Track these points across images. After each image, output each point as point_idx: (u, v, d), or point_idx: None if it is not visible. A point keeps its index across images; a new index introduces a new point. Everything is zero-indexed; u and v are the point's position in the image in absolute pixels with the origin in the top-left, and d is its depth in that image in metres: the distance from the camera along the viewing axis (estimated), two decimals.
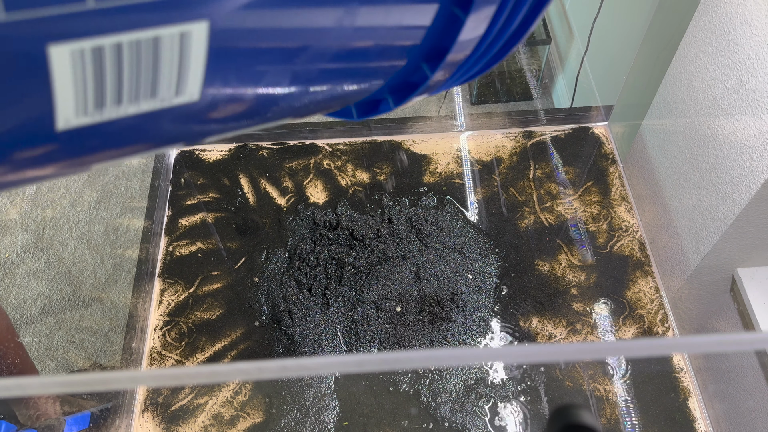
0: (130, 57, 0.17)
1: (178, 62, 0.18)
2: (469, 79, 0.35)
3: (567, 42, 1.68)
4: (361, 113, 0.33)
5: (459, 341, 0.81)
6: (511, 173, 0.98)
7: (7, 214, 1.58)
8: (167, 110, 0.20)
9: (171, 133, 0.22)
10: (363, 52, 0.26)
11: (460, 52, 0.28)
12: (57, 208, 1.58)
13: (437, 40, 0.27)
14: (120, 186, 1.63)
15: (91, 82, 0.17)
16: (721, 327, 0.82)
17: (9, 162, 0.18)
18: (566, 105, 1.63)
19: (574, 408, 0.29)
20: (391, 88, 0.30)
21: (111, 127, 0.19)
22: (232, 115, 0.23)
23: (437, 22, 0.26)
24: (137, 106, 0.18)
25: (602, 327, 0.83)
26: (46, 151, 0.19)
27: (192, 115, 0.21)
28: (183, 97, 0.19)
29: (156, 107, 0.19)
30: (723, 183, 0.70)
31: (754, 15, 0.62)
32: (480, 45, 0.28)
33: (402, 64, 0.28)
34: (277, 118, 0.27)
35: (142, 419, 0.78)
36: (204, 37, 0.18)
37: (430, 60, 0.28)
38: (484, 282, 0.86)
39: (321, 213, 0.93)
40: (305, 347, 0.82)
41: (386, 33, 0.25)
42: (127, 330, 0.84)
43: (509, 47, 0.32)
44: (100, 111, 0.18)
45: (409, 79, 0.29)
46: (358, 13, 0.22)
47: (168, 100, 0.19)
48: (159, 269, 0.90)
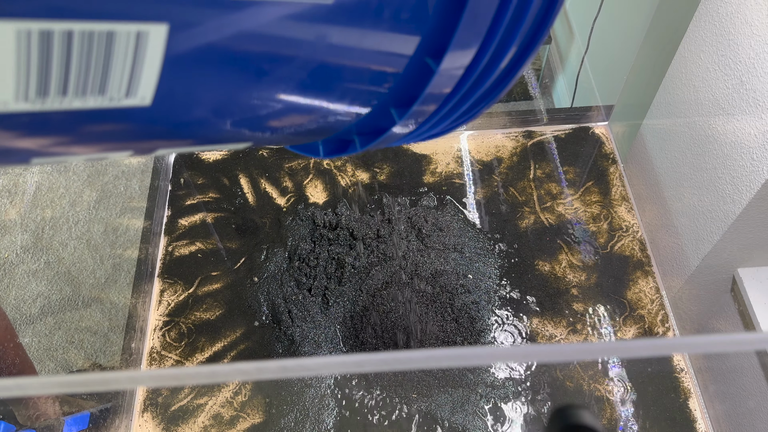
0: (80, 47, 0.16)
1: (131, 61, 0.17)
2: (441, 133, 0.34)
3: (567, 42, 1.68)
4: (328, 152, 0.32)
5: (459, 341, 0.81)
6: (511, 173, 0.98)
7: (7, 214, 1.58)
8: (115, 111, 0.19)
9: (117, 137, 0.21)
10: (332, 90, 0.25)
11: (429, 102, 0.27)
12: (56, 208, 1.58)
13: (407, 88, 0.26)
14: (119, 186, 1.63)
15: (36, 66, 0.16)
16: (721, 327, 0.82)
17: None
18: (566, 105, 1.63)
19: (574, 408, 0.29)
20: (359, 129, 0.30)
21: (52, 120, 0.18)
22: (184, 129, 0.22)
23: (409, 70, 0.25)
24: (83, 100, 0.18)
25: (602, 327, 0.83)
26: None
27: (142, 121, 0.20)
28: (134, 99, 0.19)
29: (104, 105, 0.18)
30: (723, 183, 0.70)
31: (755, 15, 0.62)
32: (451, 98, 0.27)
33: (371, 107, 0.28)
34: (234, 142, 0.26)
35: (141, 419, 0.78)
36: (162, 40, 0.17)
37: (399, 106, 0.27)
38: (484, 282, 0.86)
39: (321, 213, 0.93)
40: (305, 347, 0.82)
41: (357, 75, 0.24)
42: (126, 330, 0.84)
43: (481, 104, 0.31)
44: (42, 99, 0.17)
45: (377, 123, 0.29)
46: (330, 49, 0.22)
47: (117, 100, 0.18)
48: (159, 269, 0.90)
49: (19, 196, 1.61)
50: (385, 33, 0.22)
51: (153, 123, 0.21)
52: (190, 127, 0.22)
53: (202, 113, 0.22)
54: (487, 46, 0.24)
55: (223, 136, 0.25)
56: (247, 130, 0.25)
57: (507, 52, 0.26)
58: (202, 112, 0.22)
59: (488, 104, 0.31)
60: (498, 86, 0.29)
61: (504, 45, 0.25)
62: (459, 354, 0.20)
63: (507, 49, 0.25)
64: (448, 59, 0.24)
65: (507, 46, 0.25)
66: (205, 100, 0.21)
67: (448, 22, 0.23)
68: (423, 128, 0.30)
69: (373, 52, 0.23)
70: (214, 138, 0.24)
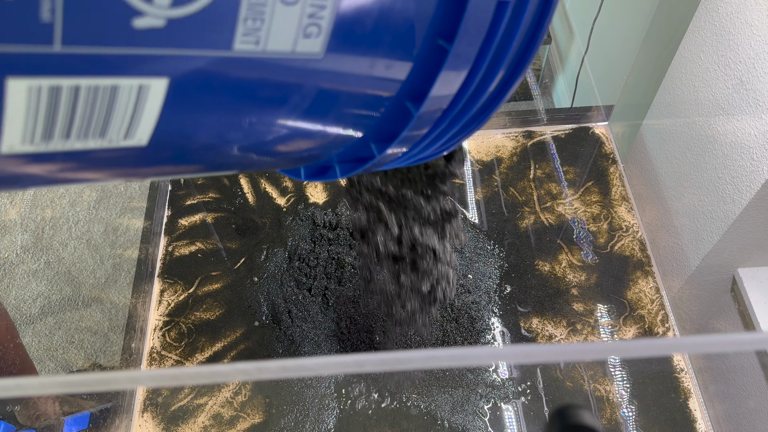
0: (86, 99, 0.17)
1: (132, 110, 0.18)
2: (423, 160, 0.35)
3: (567, 42, 1.68)
4: (309, 175, 0.34)
5: (459, 342, 0.81)
6: (511, 173, 0.98)
7: (7, 214, 1.58)
8: (113, 150, 0.20)
9: (112, 170, 0.22)
10: (316, 129, 0.26)
11: (408, 140, 0.28)
12: (56, 208, 1.58)
13: (387, 126, 0.27)
14: (119, 186, 1.63)
15: (43, 116, 0.17)
16: (721, 327, 0.82)
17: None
18: (566, 105, 1.63)
19: (574, 408, 0.29)
20: (340, 157, 0.31)
21: (52, 157, 0.19)
22: (175, 163, 0.24)
23: (390, 111, 0.26)
24: (84, 143, 0.19)
25: (602, 327, 0.83)
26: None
27: (137, 158, 0.21)
28: (131, 141, 0.20)
29: (103, 146, 0.19)
30: (723, 183, 0.70)
31: (755, 15, 0.62)
32: (430, 134, 0.28)
33: (352, 142, 0.29)
34: (221, 171, 0.28)
35: (141, 419, 0.78)
36: (162, 92, 0.18)
37: (379, 141, 0.28)
38: (484, 282, 0.86)
39: (321, 213, 0.93)
40: (305, 347, 0.82)
41: (340, 114, 0.25)
42: (126, 330, 0.84)
43: (462, 134, 0.32)
44: (46, 143, 0.18)
45: (358, 154, 0.30)
46: (316, 92, 0.23)
47: (116, 142, 0.19)
48: (159, 269, 0.90)
49: (19, 196, 1.61)
50: (369, 79, 0.23)
51: (147, 159, 0.22)
52: (182, 160, 0.24)
53: (193, 149, 0.23)
54: (467, 87, 0.25)
55: (211, 167, 0.26)
56: (234, 162, 0.26)
57: (488, 86, 0.27)
58: (193, 149, 0.23)
59: (470, 133, 0.32)
60: (478, 118, 0.30)
61: (482, 87, 0.26)
62: (459, 354, 0.20)
63: (488, 84, 0.26)
64: (427, 104, 0.25)
65: (488, 81, 0.26)
66: (196, 139, 0.22)
67: (429, 68, 0.24)
68: (403, 159, 0.31)
69: (355, 93, 0.24)
70: (203, 168, 0.26)
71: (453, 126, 0.29)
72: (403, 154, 0.30)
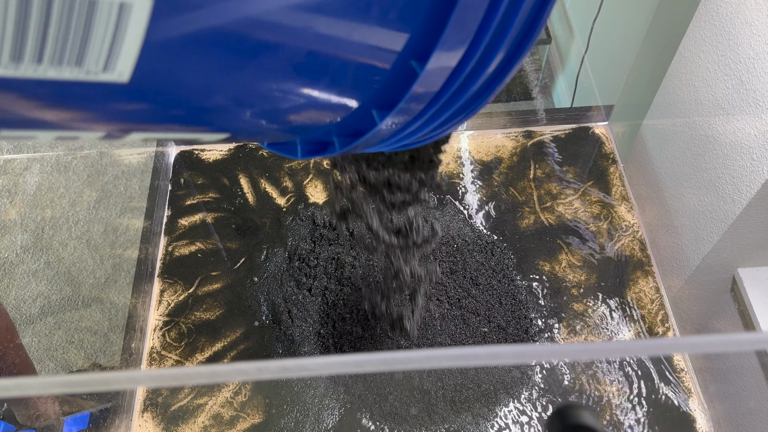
0: (59, 14, 0.15)
1: (112, 34, 0.16)
2: (423, 142, 0.33)
3: (567, 42, 1.68)
4: (306, 152, 0.32)
5: (459, 342, 0.81)
6: (511, 173, 0.98)
7: (7, 214, 1.58)
8: (91, 85, 0.18)
9: (90, 114, 0.20)
10: (316, 84, 0.24)
11: (411, 106, 0.27)
12: (56, 208, 1.58)
13: (390, 90, 0.26)
14: (119, 186, 1.63)
15: (11, 30, 0.15)
16: (721, 327, 0.82)
17: None
18: (566, 105, 1.63)
19: (574, 408, 0.29)
20: (339, 130, 0.29)
21: (25, 87, 0.17)
22: (161, 112, 0.22)
23: (393, 71, 0.25)
24: (59, 70, 0.17)
25: (602, 327, 0.83)
26: None
27: (118, 99, 0.19)
28: (111, 74, 0.18)
29: (79, 78, 0.17)
30: (723, 183, 0.70)
31: (755, 15, 0.62)
32: (434, 103, 0.27)
33: (353, 108, 0.27)
34: (211, 130, 0.25)
35: (141, 419, 0.78)
36: (145, 15, 0.16)
37: (381, 108, 0.27)
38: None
39: (321, 213, 0.93)
40: (305, 347, 0.82)
41: (341, 71, 0.24)
42: (126, 330, 0.84)
43: (465, 112, 0.30)
44: (16, 65, 0.16)
45: (358, 125, 0.28)
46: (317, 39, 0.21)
47: (94, 74, 0.18)
48: (158, 269, 0.90)
49: (19, 196, 1.61)
50: (372, 31, 0.22)
51: (129, 102, 0.20)
52: (167, 110, 0.22)
53: (181, 97, 0.21)
54: (474, 50, 0.24)
55: (201, 123, 0.24)
56: (225, 119, 0.24)
57: (494, 57, 0.25)
58: (181, 96, 0.21)
59: (472, 112, 0.30)
60: (483, 94, 0.29)
61: (491, 49, 0.25)
62: (459, 354, 0.20)
63: (494, 54, 0.25)
64: (433, 61, 0.23)
65: (494, 50, 0.25)
66: (185, 83, 0.20)
67: (435, 24, 0.23)
68: (404, 132, 0.29)
69: (359, 48, 0.23)
70: (191, 124, 0.24)
71: (454, 101, 0.27)
72: (400, 130, 0.29)
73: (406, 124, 0.29)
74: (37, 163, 1.68)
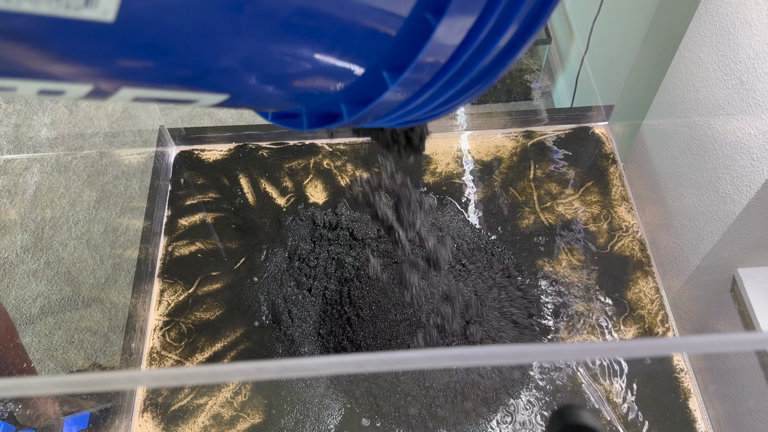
0: None
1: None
2: (431, 117, 0.31)
3: (567, 42, 1.68)
4: (312, 123, 0.30)
5: (459, 342, 0.81)
6: (511, 173, 0.98)
7: (7, 214, 1.58)
8: (73, 23, 0.16)
9: (71, 60, 0.18)
10: (324, 38, 0.22)
11: (424, 70, 0.25)
12: (56, 208, 1.58)
13: (403, 49, 0.24)
14: (119, 186, 1.63)
15: None
16: (721, 327, 0.82)
17: None
18: (566, 105, 1.63)
19: (574, 408, 0.29)
20: (347, 97, 0.27)
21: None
22: (150, 62, 0.19)
23: (407, 27, 0.23)
24: (35, 3, 0.15)
25: (602, 327, 0.83)
26: None
27: (103, 43, 0.17)
28: (94, 11, 0.16)
29: (58, 13, 0.15)
30: (723, 183, 0.70)
31: (755, 15, 0.62)
32: (447, 69, 0.25)
33: (363, 69, 0.25)
34: (206, 89, 0.23)
35: (141, 419, 0.78)
36: None
37: (393, 70, 0.25)
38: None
39: (321, 213, 0.93)
40: (305, 347, 0.82)
41: (352, 24, 0.22)
42: (126, 330, 0.84)
43: (476, 85, 0.28)
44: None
45: (367, 91, 0.27)
46: None
47: (74, 9, 0.15)
48: (158, 269, 0.90)
49: (19, 196, 1.61)
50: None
51: (115, 47, 0.18)
52: (158, 61, 0.19)
53: (173, 45, 0.18)
54: (489, 14, 0.23)
55: (196, 79, 0.21)
56: (223, 76, 0.22)
57: (509, 25, 0.24)
58: (173, 44, 0.18)
59: (483, 88, 0.29)
60: (494, 68, 0.27)
61: (506, 16, 0.24)
62: (459, 354, 0.20)
63: (509, 22, 0.24)
64: (449, 15, 0.22)
65: (509, 18, 0.24)
66: (177, 29, 0.18)
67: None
68: (413, 104, 0.27)
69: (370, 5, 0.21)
70: (185, 79, 0.21)
71: (466, 71, 0.26)
72: (410, 100, 0.27)
73: (415, 94, 0.27)
74: (37, 163, 1.68)
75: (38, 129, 1.73)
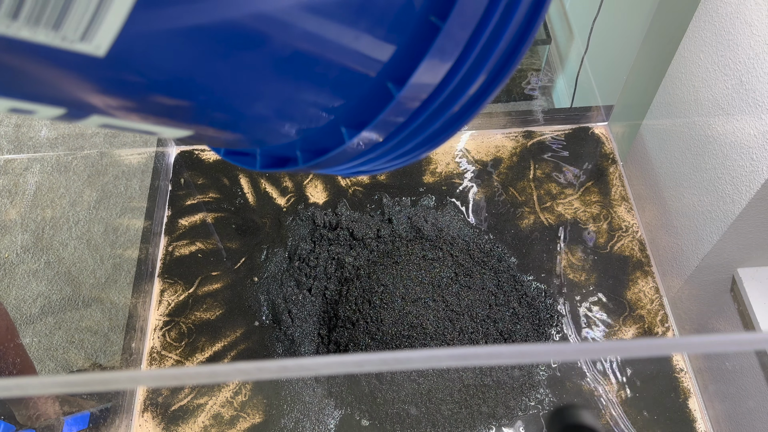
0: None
1: (97, 2, 0.16)
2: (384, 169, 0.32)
3: (567, 42, 1.68)
4: (265, 164, 0.30)
5: (459, 342, 0.81)
6: (511, 173, 0.98)
7: (7, 214, 1.58)
8: (61, 53, 0.17)
9: (55, 85, 0.18)
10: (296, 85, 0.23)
11: (381, 129, 0.25)
12: (57, 208, 1.58)
13: (363, 109, 0.25)
14: (120, 186, 1.63)
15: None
16: (721, 327, 0.82)
17: None
18: (566, 105, 1.63)
19: (574, 408, 0.29)
20: (303, 145, 0.28)
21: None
22: (127, 96, 0.20)
23: (369, 91, 0.24)
24: (33, 32, 0.16)
25: (602, 327, 0.83)
26: None
27: (87, 74, 0.18)
28: (88, 45, 0.17)
29: (54, 43, 0.16)
30: (723, 183, 0.70)
31: (755, 15, 0.62)
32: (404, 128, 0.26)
33: (321, 122, 0.26)
34: (174, 125, 0.24)
35: (141, 419, 0.78)
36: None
37: (351, 127, 0.25)
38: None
39: (321, 213, 0.93)
40: (305, 347, 0.82)
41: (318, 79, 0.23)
42: (126, 330, 0.84)
43: (438, 138, 0.29)
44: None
45: (324, 142, 0.27)
46: (306, 38, 0.20)
47: (69, 42, 0.16)
48: (159, 269, 0.90)
49: (19, 196, 1.61)
50: (354, 46, 0.21)
51: (97, 80, 0.19)
52: (133, 95, 0.20)
53: (151, 83, 0.20)
54: (454, 74, 0.23)
55: (164, 114, 0.22)
56: (192, 114, 0.23)
57: (474, 80, 0.24)
58: (151, 82, 0.20)
59: (444, 139, 0.29)
60: (456, 121, 0.28)
61: (469, 77, 0.24)
62: (459, 354, 0.20)
63: (475, 77, 0.24)
64: (409, 87, 0.23)
65: (475, 73, 0.24)
66: (158, 69, 0.19)
67: (415, 47, 0.22)
68: (372, 154, 0.28)
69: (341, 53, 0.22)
70: (154, 113, 0.22)
71: (426, 128, 0.26)
72: (368, 151, 0.27)
73: (374, 146, 0.27)
74: (37, 163, 1.68)
75: (38, 129, 1.73)
